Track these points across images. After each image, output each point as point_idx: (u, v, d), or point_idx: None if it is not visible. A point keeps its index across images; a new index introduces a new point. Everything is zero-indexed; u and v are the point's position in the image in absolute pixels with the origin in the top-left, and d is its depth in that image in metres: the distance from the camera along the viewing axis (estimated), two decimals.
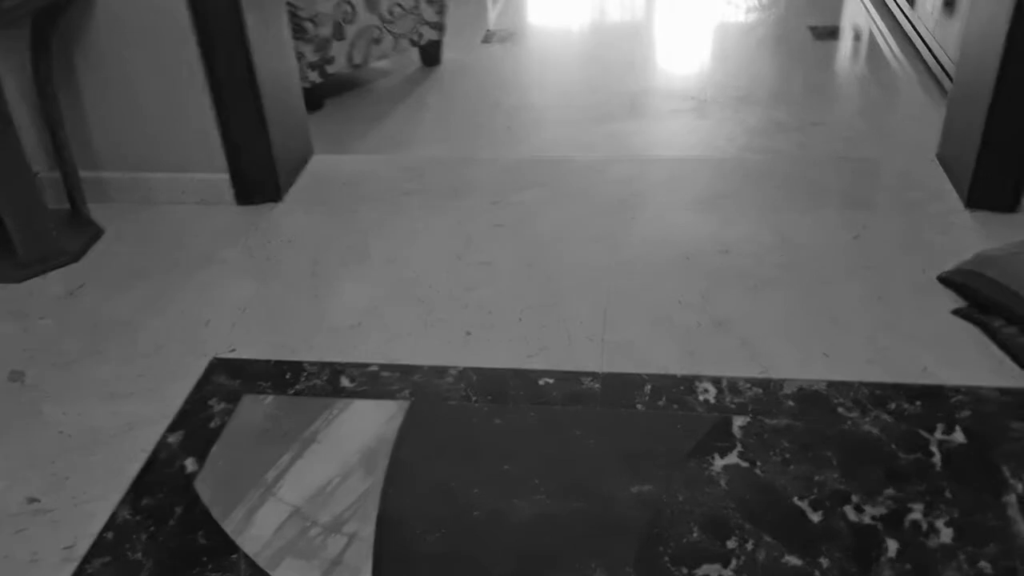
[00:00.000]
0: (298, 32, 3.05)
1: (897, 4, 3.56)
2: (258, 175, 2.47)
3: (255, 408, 1.79)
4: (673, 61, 3.56)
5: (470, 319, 1.98)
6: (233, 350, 1.94)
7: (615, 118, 3.04)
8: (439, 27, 3.50)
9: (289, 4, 2.99)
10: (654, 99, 3.18)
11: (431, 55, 3.60)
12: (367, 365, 1.86)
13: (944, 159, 2.42)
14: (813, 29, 3.72)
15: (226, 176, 2.47)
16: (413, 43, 3.45)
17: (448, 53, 3.70)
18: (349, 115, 3.19)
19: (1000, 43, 2.03)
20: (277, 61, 2.47)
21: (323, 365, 1.87)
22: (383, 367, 1.85)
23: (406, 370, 1.84)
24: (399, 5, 3.31)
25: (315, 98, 3.26)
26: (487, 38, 3.86)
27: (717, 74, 3.38)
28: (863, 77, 3.30)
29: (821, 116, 2.97)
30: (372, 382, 1.82)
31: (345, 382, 1.82)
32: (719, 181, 2.48)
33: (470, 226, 2.32)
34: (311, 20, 3.06)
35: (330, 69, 3.20)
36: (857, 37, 3.66)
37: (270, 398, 1.80)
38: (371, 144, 2.94)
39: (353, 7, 3.17)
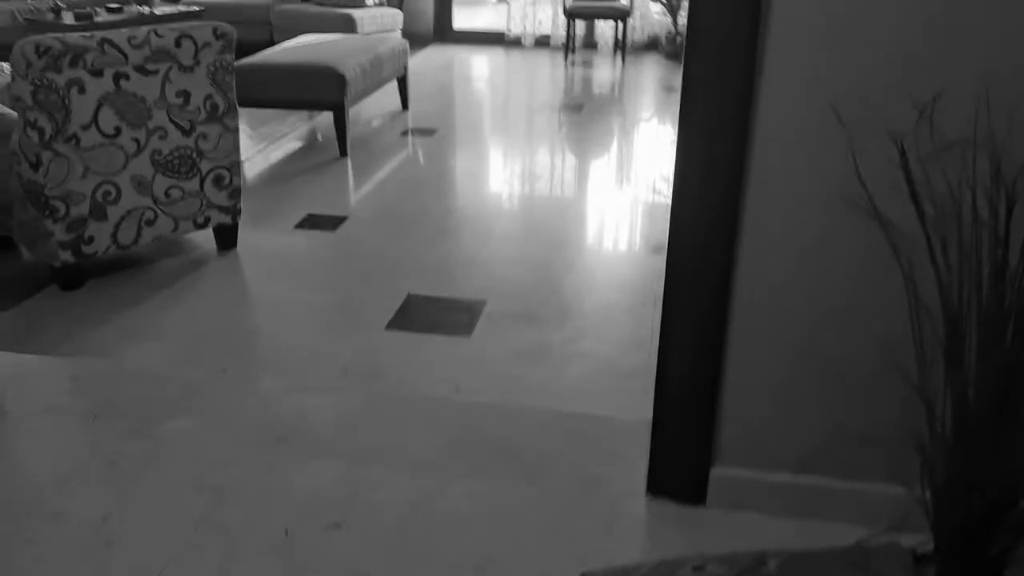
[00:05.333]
0: (47, 210, 2.84)
1: None
2: None
3: None
4: (485, 261, 3.29)
5: None
6: None
7: (368, 327, 2.75)
8: (231, 211, 3.29)
9: (33, 181, 2.80)
10: (431, 308, 2.90)
11: (224, 239, 3.38)
12: None
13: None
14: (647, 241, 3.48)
15: None
16: (198, 226, 3.23)
17: (258, 235, 3.49)
18: (97, 301, 2.94)
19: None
20: None
21: None
22: None
23: None
24: (178, 187, 3.12)
25: (72, 277, 3.03)
26: (304, 223, 3.65)
27: (514, 283, 3.11)
28: None
29: (595, 343, 2.66)
30: None
31: None
32: (395, 426, 2.16)
33: (90, 459, 1.99)
34: (61, 199, 2.85)
35: (88, 249, 2.97)
36: None
37: None
38: (96, 339, 2.67)
39: (117, 188, 2.97)
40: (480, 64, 7.28)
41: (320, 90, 4.43)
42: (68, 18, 5.77)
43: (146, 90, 2.93)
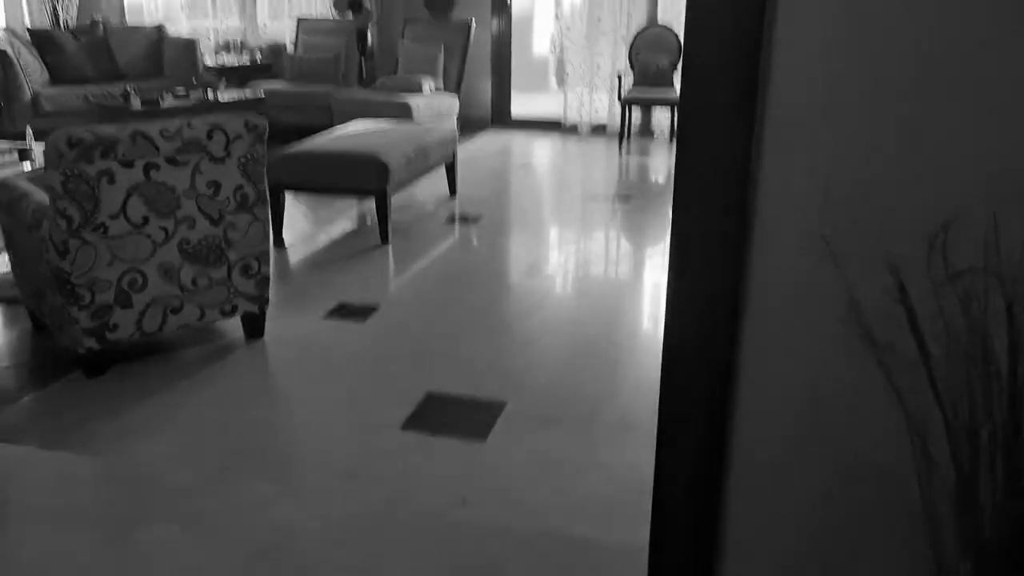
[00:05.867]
0: (72, 297, 2.85)
1: None
2: None
3: None
4: (513, 357, 3.19)
5: None
6: None
7: (381, 427, 2.67)
8: (258, 300, 3.28)
9: (59, 268, 2.82)
10: (448, 408, 2.81)
11: (251, 327, 3.36)
12: None
13: None
14: None
15: None
16: (225, 314, 3.22)
17: (288, 323, 3.46)
18: (117, 389, 2.92)
19: None
20: None
21: None
22: None
23: None
24: (205, 276, 3.11)
25: (96, 364, 3.03)
26: (335, 312, 3.61)
27: (539, 382, 2.99)
28: None
29: (615, 453, 2.53)
30: None
31: None
32: (382, 545, 2.05)
33: (59, 568, 1.93)
34: (87, 287, 2.87)
35: (112, 336, 2.97)
36: None
37: None
38: (106, 431, 2.64)
39: (144, 276, 2.97)
40: (534, 151, 7.30)
41: (363, 178, 4.46)
42: (136, 103, 5.97)
43: (176, 180, 2.95)
